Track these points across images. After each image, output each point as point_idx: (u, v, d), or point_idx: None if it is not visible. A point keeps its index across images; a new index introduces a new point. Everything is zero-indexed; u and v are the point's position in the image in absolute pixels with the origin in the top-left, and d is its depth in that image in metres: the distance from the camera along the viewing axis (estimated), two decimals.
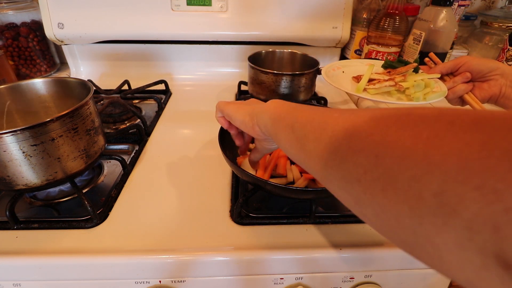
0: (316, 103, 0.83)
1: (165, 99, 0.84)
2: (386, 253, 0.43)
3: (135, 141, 0.65)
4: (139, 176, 0.55)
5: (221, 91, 0.91)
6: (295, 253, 0.42)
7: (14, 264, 0.40)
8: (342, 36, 0.93)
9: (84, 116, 0.45)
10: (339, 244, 0.43)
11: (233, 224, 0.46)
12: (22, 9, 0.89)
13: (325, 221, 0.46)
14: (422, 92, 0.56)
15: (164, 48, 0.95)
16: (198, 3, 0.87)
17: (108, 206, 0.48)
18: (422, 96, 0.55)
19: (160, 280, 0.42)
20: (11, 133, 0.38)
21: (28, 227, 0.44)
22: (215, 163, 0.58)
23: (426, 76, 0.59)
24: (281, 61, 0.87)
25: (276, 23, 0.91)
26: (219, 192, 0.52)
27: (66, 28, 0.87)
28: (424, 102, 0.55)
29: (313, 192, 0.46)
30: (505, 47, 0.81)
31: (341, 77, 0.63)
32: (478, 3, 1.06)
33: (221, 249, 0.42)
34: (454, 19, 0.78)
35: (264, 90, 0.75)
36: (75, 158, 0.45)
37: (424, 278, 0.45)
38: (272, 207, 0.51)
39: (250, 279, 0.43)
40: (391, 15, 0.82)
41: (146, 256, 0.40)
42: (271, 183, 0.44)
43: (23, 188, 0.43)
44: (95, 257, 0.40)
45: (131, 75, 0.93)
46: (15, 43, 0.87)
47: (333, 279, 0.44)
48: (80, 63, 0.96)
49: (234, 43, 0.95)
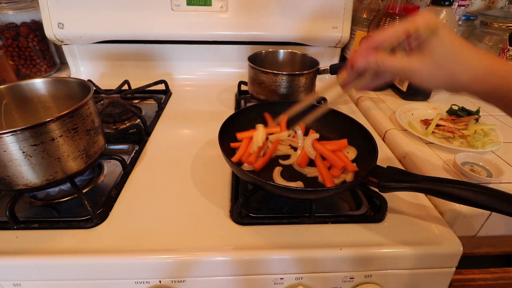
0: (316, 103, 0.83)
1: (165, 99, 0.84)
2: (386, 253, 0.43)
3: (135, 141, 0.65)
4: (139, 176, 0.55)
5: (221, 91, 0.91)
6: (295, 253, 0.42)
7: (14, 264, 0.40)
8: (342, 36, 0.93)
9: (84, 116, 0.45)
10: (339, 244, 0.43)
11: (233, 224, 0.46)
12: (22, 9, 0.89)
13: (325, 221, 0.46)
14: (481, 142, 0.64)
15: (164, 48, 0.95)
16: (198, 3, 0.87)
17: (108, 206, 0.48)
18: (481, 144, 0.63)
19: (160, 280, 0.42)
20: (11, 133, 0.38)
21: (28, 227, 0.44)
22: (215, 163, 0.58)
23: (485, 126, 0.67)
24: (281, 61, 0.87)
25: (276, 23, 0.91)
26: (219, 192, 0.52)
27: (66, 28, 0.86)
28: (483, 150, 0.62)
29: (313, 192, 0.46)
30: (505, 47, 0.81)
31: (411, 118, 0.74)
32: (478, 3, 1.06)
33: (221, 249, 0.42)
34: (454, 19, 0.78)
35: (264, 90, 0.75)
36: (75, 158, 0.45)
37: (424, 278, 0.45)
38: (272, 207, 0.51)
39: (250, 279, 0.43)
40: (391, 15, 0.82)
41: (146, 256, 0.40)
42: (271, 183, 0.44)
43: (23, 188, 0.43)
44: (95, 257, 0.40)
45: (131, 75, 0.93)
46: (15, 43, 0.87)
47: (333, 279, 0.44)
48: (80, 63, 0.96)
49: (234, 43, 0.95)
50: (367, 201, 0.51)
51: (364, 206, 0.50)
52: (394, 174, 0.46)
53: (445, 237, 0.45)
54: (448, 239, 0.44)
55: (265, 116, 0.63)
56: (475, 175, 0.53)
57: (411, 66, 0.35)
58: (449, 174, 0.56)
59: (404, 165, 0.62)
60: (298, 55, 0.86)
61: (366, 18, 0.93)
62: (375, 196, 0.49)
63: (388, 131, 0.70)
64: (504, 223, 0.51)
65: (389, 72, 0.38)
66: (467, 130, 0.66)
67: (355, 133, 0.58)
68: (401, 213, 0.49)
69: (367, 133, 0.55)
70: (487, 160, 0.57)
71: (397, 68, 0.36)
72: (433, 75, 0.35)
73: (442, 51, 0.33)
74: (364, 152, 0.55)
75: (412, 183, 0.44)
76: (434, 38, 0.33)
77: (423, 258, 0.43)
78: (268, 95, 0.75)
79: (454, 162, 0.56)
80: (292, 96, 0.75)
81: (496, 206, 0.39)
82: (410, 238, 0.44)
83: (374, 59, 0.37)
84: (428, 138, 0.65)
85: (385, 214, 0.47)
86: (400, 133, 0.69)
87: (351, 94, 0.92)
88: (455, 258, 0.44)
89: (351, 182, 0.50)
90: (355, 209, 0.50)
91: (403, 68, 0.36)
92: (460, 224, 0.50)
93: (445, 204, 0.49)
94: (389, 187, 0.45)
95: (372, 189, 0.48)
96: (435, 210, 0.50)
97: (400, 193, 0.52)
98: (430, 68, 0.34)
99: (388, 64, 0.36)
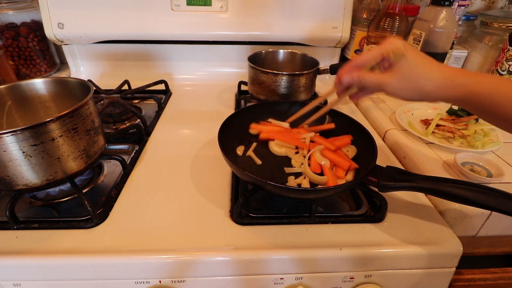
0: (318, 104, 0.83)
1: (165, 99, 0.84)
2: (386, 253, 0.43)
3: (135, 141, 0.65)
4: (139, 176, 0.55)
5: (221, 91, 0.91)
6: (295, 253, 0.42)
7: (14, 264, 0.40)
8: (342, 36, 0.93)
9: (84, 116, 0.45)
10: (339, 244, 0.43)
11: (233, 224, 0.46)
12: (22, 9, 0.89)
13: (325, 221, 0.46)
14: (481, 141, 0.64)
15: (164, 48, 0.95)
16: (198, 3, 0.87)
17: (108, 206, 0.48)
18: (481, 144, 0.63)
19: (160, 280, 0.42)
20: (11, 133, 0.38)
21: (28, 227, 0.44)
22: (215, 163, 0.58)
23: (485, 126, 0.67)
24: (281, 61, 0.87)
25: (276, 23, 0.91)
26: (219, 192, 0.52)
27: (66, 28, 0.86)
28: (483, 150, 0.62)
29: (312, 191, 0.46)
30: (505, 47, 0.81)
31: (411, 118, 0.74)
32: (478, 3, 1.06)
33: (221, 249, 0.42)
34: (454, 19, 0.78)
35: (264, 90, 0.75)
36: (75, 158, 0.45)
37: (424, 278, 0.45)
38: (272, 207, 0.51)
39: (250, 279, 0.43)
40: (391, 15, 0.82)
41: (146, 256, 0.41)
42: (271, 183, 0.44)
43: (23, 188, 0.43)
44: (95, 257, 0.40)
45: (131, 75, 0.93)
46: (15, 43, 0.87)
47: (333, 279, 0.44)
48: (80, 63, 0.96)
49: (234, 43, 0.95)
50: (367, 201, 0.51)
51: (364, 206, 0.50)
52: (394, 173, 0.46)
53: (445, 237, 0.45)
54: (448, 239, 0.44)
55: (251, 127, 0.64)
56: (475, 175, 0.53)
57: (384, 80, 0.43)
58: (449, 174, 0.56)
59: (404, 165, 0.62)
60: (298, 55, 0.86)
61: (366, 18, 0.93)
62: (375, 196, 0.49)
63: (388, 131, 0.70)
64: (504, 223, 0.51)
65: (368, 85, 0.46)
66: (467, 130, 0.67)
67: (355, 133, 0.58)
68: (401, 213, 0.49)
69: (366, 133, 0.55)
70: (487, 160, 0.57)
71: (373, 82, 0.44)
72: (402, 87, 0.42)
73: (406, 69, 0.42)
74: (363, 152, 0.55)
75: (411, 183, 0.44)
76: (401, 59, 0.42)
77: (423, 258, 0.43)
78: (268, 95, 0.75)
79: (454, 162, 0.56)
80: (292, 96, 0.75)
81: (496, 206, 0.39)
82: (410, 238, 0.44)
83: (356, 75, 0.46)
84: (428, 138, 0.65)
85: (385, 214, 0.47)
86: (400, 133, 0.69)
87: None
88: (455, 258, 0.44)
89: (351, 181, 0.50)
90: (355, 209, 0.50)
91: (378, 82, 0.44)
92: (460, 224, 0.50)
93: (445, 204, 0.49)
94: (389, 187, 0.45)
95: (372, 189, 0.48)
96: (435, 210, 0.50)
97: (400, 193, 0.52)
98: (399, 82, 0.42)
99: (367, 78, 0.45)
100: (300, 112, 0.61)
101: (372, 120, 0.77)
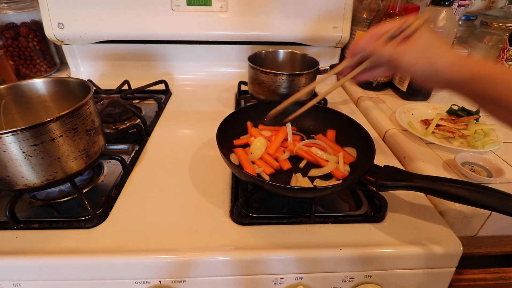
0: (317, 103, 0.83)
1: (165, 99, 0.84)
2: (386, 253, 0.43)
3: (135, 141, 0.65)
4: (139, 176, 0.55)
5: (221, 91, 0.91)
6: (295, 253, 0.42)
7: (14, 264, 0.40)
8: (342, 36, 0.93)
9: (84, 116, 0.45)
10: (339, 244, 0.43)
11: (233, 224, 0.46)
12: (22, 9, 0.89)
13: (325, 221, 0.46)
14: (481, 142, 0.64)
15: (164, 48, 0.95)
16: (198, 3, 0.87)
17: (108, 206, 0.48)
18: (481, 144, 0.63)
19: (160, 280, 0.42)
20: (11, 133, 0.38)
21: (28, 227, 0.44)
22: (215, 163, 0.58)
23: (485, 126, 0.67)
24: (281, 61, 0.87)
25: (276, 23, 0.91)
26: (219, 192, 0.52)
27: (66, 28, 0.86)
28: (483, 150, 0.62)
29: (311, 190, 0.46)
30: (505, 47, 0.81)
31: (411, 118, 0.75)
32: (478, 3, 1.06)
33: (221, 249, 0.42)
34: (454, 19, 0.78)
35: (264, 90, 0.75)
36: (75, 158, 0.45)
37: (424, 278, 0.45)
38: (272, 207, 0.51)
39: (250, 279, 0.43)
40: (391, 15, 0.82)
41: (146, 256, 0.40)
42: (269, 183, 0.44)
43: (23, 188, 0.43)
44: (95, 257, 0.40)
45: (131, 75, 0.93)
46: (15, 43, 0.87)
47: (333, 279, 0.44)
48: (80, 63, 0.96)
49: (234, 43, 0.95)
50: (367, 201, 0.51)
51: (364, 206, 0.50)
52: (391, 173, 0.46)
53: (445, 237, 0.45)
54: (448, 239, 0.44)
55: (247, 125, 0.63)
56: (475, 175, 0.53)
57: (398, 51, 0.43)
58: (449, 174, 0.56)
59: (404, 165, 0.62)
60: (298, 55, 0.86)
61: (366, 18, 0.93)
62: (375, 196, 0.49)
63: (388, 131, 0.70)
64: (504, 223, 0.51)
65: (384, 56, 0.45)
66: (467, 130, 0.67)
67: (354, 133, 0.58)
68: (401, 213, 0.49)
69: (364, 132, 0.55)
70: (487, 160, 0.57)
71: (388, 53, 0.44)
72: (417, 60, 0.42)
73: (424, 41, 0.42)
74: (362, 151, 0.55)
75: (409, 182, 0.44)
76: (416, 33, 0.43)
77: (423, 258, 0.43)
78: (268, 95, 0.75)
79: (454, 162, 0.56)
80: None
81: (496, 206, 0.39)
82: (410, 238, 0.44)
83: (372, 46, 0.45)
84: (428, 138, 0.65)
85: (385, 214, 0.47)
86: (400, 133, 0.69)
87: (351, 94, 0.92)
88: (455, 258, 0.44)
89: (348, 181, 0.50)
90: (355, 209, 0.50)
91: (394, 51, 0.43)
92: (460, 224, 0.50)
93: (445, 204, 0.49)
94: (386, 186, 0.45)
95: (372, 189, 0.48)
96: (435, 210, 0.50)
97: (400, 193, 0.52)
98: (415, 53, 0.42)
99: (381, 50, 0.44)
100: (299, 112, 0.60)
101: (372, 120, 0.77)
